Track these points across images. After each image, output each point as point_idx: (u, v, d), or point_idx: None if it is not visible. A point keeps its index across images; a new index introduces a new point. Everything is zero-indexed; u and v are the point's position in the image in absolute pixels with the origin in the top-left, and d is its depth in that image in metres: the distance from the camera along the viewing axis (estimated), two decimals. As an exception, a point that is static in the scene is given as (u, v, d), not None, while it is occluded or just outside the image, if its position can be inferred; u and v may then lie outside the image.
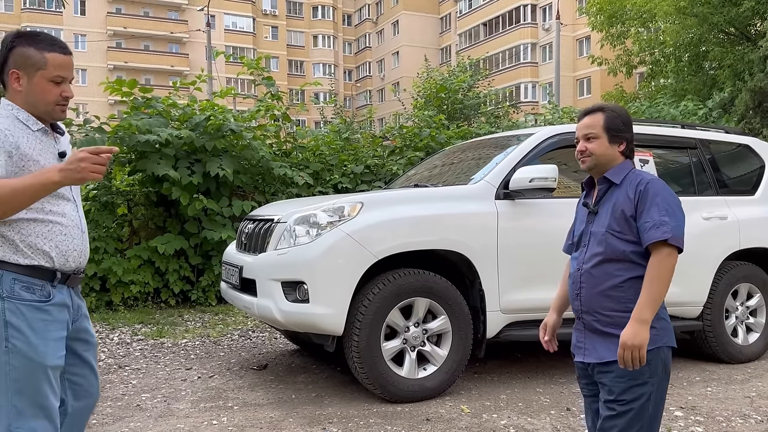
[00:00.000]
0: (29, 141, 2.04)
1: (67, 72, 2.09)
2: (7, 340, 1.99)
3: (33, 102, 2.07)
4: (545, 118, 13.28)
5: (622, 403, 2.13)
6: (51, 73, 2.05)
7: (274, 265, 4.01)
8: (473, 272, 4.14)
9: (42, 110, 2.08)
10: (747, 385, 4.44)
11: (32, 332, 2.00)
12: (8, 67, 2.06)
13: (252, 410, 3.87)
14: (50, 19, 46.12)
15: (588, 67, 32.79)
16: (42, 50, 2.05)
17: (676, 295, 4.56)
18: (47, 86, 2.06)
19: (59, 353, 2.07)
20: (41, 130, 2.09)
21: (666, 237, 2.07)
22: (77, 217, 2.15)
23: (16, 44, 2.06)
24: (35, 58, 2.04)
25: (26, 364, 1.99)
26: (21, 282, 2.01)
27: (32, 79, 2.05)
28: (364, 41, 58.49)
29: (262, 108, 7.83)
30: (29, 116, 2.07)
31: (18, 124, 2.04)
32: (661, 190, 2.15)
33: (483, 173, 4.42)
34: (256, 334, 6.05)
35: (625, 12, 20.76)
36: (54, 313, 2.06)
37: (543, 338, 2.45)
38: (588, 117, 2.29)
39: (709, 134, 5.44)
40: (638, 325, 2.05)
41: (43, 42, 2.06)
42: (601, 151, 2.24)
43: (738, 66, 16.88)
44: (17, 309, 1.99)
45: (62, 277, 2.10)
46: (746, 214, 5.08)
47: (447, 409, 3.85)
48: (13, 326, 1.99)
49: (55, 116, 2.11)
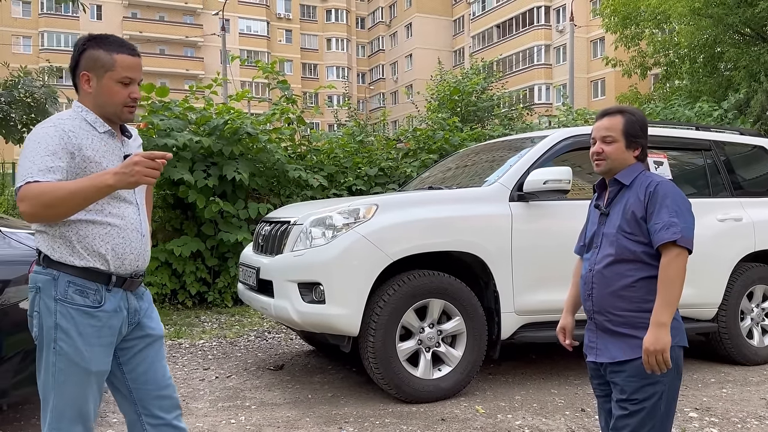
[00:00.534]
0: (93, 143, 2.05)
1: (134, 73, 2.10)
2: (56, 342, 2.02)
3: (101, 103, 2.08)
4: (559, 120, 13.24)
5: (634, 402, 2.15)
6: (119, 75, 2.06)
7: (290, 267, 4.07)
8: (487, 274, 4.17)
9: (110, 111, 2.09)
10: (762, 386, 4.44)
11: (80, 337, 2.03)
12: (79, 69, 2.08)
13: (269, 410, 3.93)
14: (67, 24, 46.69)
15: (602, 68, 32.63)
16: (110, 52, 2.06)
17: (691, 296, 4.56)
18: (115, 87, 2.07)
19: (105, 359, 2.09)
20: (107, 132, 2.10)
21: (675, 238, 2.09)
22: (138, 220, 2.15)
23: (86, 47, 2.08)
24: (104, 59, 2.06)
25: (71, 368, 2.03)
26: (75, 285, 2.02)
27: (101, 80, 2.06)
28: (378, 44, 58.61)
29: (277, 111, 7.90)
30: (97, 118, 2.09)
31: (85, 125, 2.06)
32: (671, 191, 2.16)
33: (497, 175, 4.45)
34: (272, 334, 6.11)
35: (639, 13, 20.64)
36: (104, 319, 2.06)
37: (564, 342, 2.48)
38: (607, 119, 2.28)
39: (723, 136, 5.43)
40: (657, 330, 2.07)
41: (112, 44, 2.08)
42: (617, 155, 2.25)
43: (753, 67, 16.74)
44: (68, 313, 2.02)
45: (118, 280, 2.10)
46: (761, 216, 5.07)
47: (462, 410, 3.89)
48: (63, 329, 2.02)
49: (123, 117, 2.12)
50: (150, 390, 2.21)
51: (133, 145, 2.23)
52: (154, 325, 2.25)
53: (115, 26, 48.09)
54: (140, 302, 2.22)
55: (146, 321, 2.23)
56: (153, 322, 2.26)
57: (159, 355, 2.25)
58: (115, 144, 2.12)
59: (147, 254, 2.20)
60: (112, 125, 2.13)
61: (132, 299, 2.17)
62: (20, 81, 8.96)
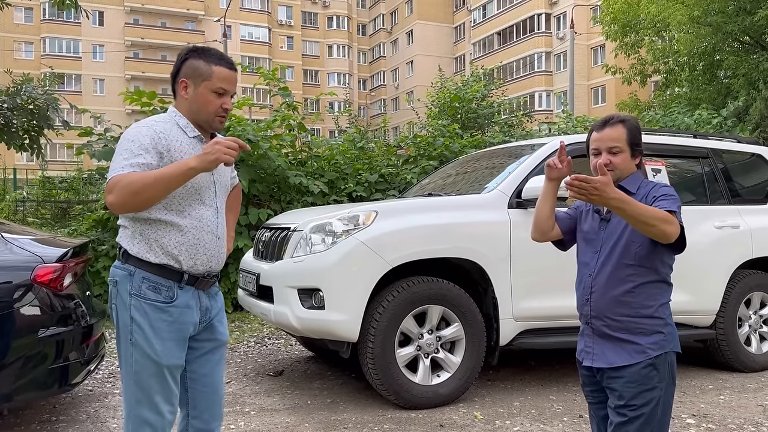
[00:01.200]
0: (182, 146, 2.16)
1: (229, 85, 2.21)
2: (132, 334, 2.13)
3: (195, 110, 2.20)
4: (559, 127, 13.29)
5: (632, 408, 2.16)
6: (215, 85, 2.17)
7: (290, 273, 4.09)
8: (486, 280, 4.20)
9: (202, 119, 2.21)
10: (760, 393, 4.45)
11: (152, 331, 2.13)
12: (179, 76, 2.20)
13: (268, 415, 3.95)
14: (69, 30, 46.87)
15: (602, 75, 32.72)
16: (210, 63, 2.18)
17: (689, 303, 4.60)
18: (209, 96, 2.18)
19: (177, 353, 2.18)
20: (197, 138, 2.21)
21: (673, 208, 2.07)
22: (215, 223, 2.23)
23: (188, 56, 2.20)
24: (203, 69, 2.17)
25: (144, 360, 2.13)
26: (149, 281, 2.13)
27: (198, 88, 2.18)
28: (379, 50, 58.78)
29: (278, 118, 7.94)
30: (188, 123, 2.21)
31: (176, 129, 2.18)
32: (668, 188, 2.20)
33: (496, 182, 4.48)
34: (272, 340, 6.13)
35: (639, 21, 20.72)
36: (175, 315, 2.15)
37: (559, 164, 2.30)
38: (610, 129, 2.25)
39: (721, 144, 5.47)
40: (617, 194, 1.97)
41: (212, 56, 2.20)
42: (624, 165, 2.25)
43: (753, 75, 16.79)
44: (142, 307, 2.12)
45: (190, 279, 2.18)
46: (759, 223, 5.10)
47: (460, 416, 3.90)
48: (137, 323, 2.12)
49: (214, 126, 2.23)
50: (206, 393, 2.31)
51: None
52: (222, 330, 2.36)
53: (117, 32, 48.30)
54: (212, 302, 2.31)
55: (217, 324, 2.33)
56: (222, 326, 2.36)
57: (221, 361, 2.36)
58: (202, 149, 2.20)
59: (222, 256, 2.29)
60: (202, 132, 2.23)
61: (204, 298, 2.26)
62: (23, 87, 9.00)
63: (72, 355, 3.45)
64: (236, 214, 2.66)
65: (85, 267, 3.98)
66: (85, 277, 4.00)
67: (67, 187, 13.49)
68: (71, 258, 3.60)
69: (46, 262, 3.42)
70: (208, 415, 2.32)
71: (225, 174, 2.35)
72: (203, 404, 2.31)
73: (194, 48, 2.24)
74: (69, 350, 3.44)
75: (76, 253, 3.71)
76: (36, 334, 3.29)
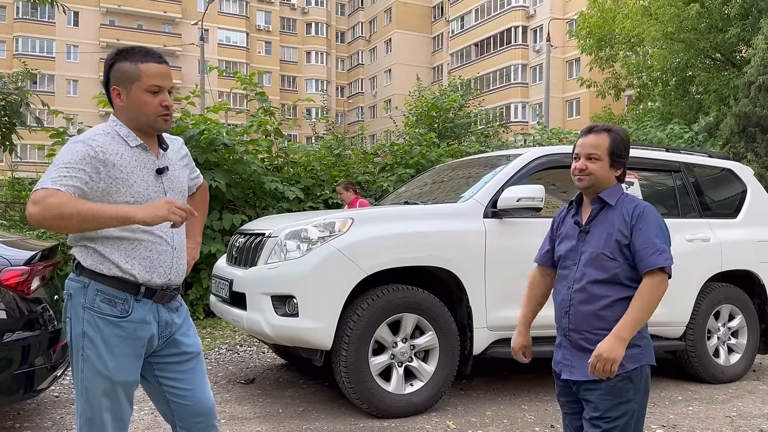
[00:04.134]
0: (123, 159, 2.04)
1: (162, 81, 2.07)
2: (83, 349, 2.04)
3: (133, 116, 2.07)
4: (534, 138, 13.42)
5: (607, 420, 2.16)
6: (146, 84, 2.04)
7: (264, 279, 4.05)
8: (461, 289, 4.20)
9: (144, 123, 2.08)
10: (728, 405, 4.51)
11: (105, 346, 2.04)
12: (110, 84, 2.08)
13: (239, 424, 3.89)
14: (43, 30, 46.14)
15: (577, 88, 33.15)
16: (135, 62, 2.05)
17: (660, 315, 4.61)
18: (144, 97, 2.05)
19: (131, 370, 2.09)
20: (140, 147, 2.09)
21: (667, 264, 2.13)
22: (170, 234, 2.13)
23: (114, 62, 2.07)
24: (130, 71, 2.05)
25: (95, 376, 2.04)
26: (104, 294, 2.04)
27: (130, 92, 2.05)
28: (357, 58, 58.88)
29: (254, 123, 7.90)
30: (130, 132, 2.08)
31: (117, 140, 2.06)
32: (657, 217, 2.21)
33: (472, 192, 4.50)
34: (244, 348, 6.06)
35: (613, 36, 21.10)
36: (129, 330, 2.06)
37: (522, 359, 2.50)
38: (593, 136, 2.28)
39: (693, 158, 5.56)
40: (616, 342, 2.10)
41: (136, 54, 2.07)
42: (600, 173, 2.26)
43: (723, 91, 17.17)
44: (94, 321, 2.03)
45: (147, 291, 2.09)
46: (728, 237, 5.19)
47: (433, 425, 3.89)
48: (89, 338, 2.03)
49: (158, 127, 2.10)
50: (188, 407, 2.21)
51: (173, 157, 2.22)
52: (190, 342, 2.24)
53: (92, 34, 47.68)
54: (173, 315, 2.20)
55: (181, 338, 2.21)
56: (189, 339, 2.24)
57: (196, 373, 2.24)
58: (147, 158, 2.11)
59: (181, 267, 2.19)
60: (146, 138, 2.12)
61: (164, 312, 2.15)
62: (-6, 85, 8.83)
63: (38, 361, 3.37)
64: (203, 216, 2.54)
65: (54, 271, 3.89)
66: (54, 281, 3.92)
67: (38, 188, 13.21)
68: (39, 261, 3.53)
69: (13, 265, 3.33)
70: (195, 427, 2.23)
71: (178, 179, 2.22)
72: (188, 418, 2.22)
73: (118, 51, 2.09)
74: (35, 355, 3.35)
75: (44, 256, 3.64)
76: (1, 338, 3.21)
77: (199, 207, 2.50)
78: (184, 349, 2.22)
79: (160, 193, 2.12)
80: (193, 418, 2.23)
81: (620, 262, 2.18)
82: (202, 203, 2.53)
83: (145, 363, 2.19)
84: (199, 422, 2.24)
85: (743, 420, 4.17)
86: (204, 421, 2.25)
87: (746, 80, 13.72)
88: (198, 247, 2.46)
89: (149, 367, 2.20)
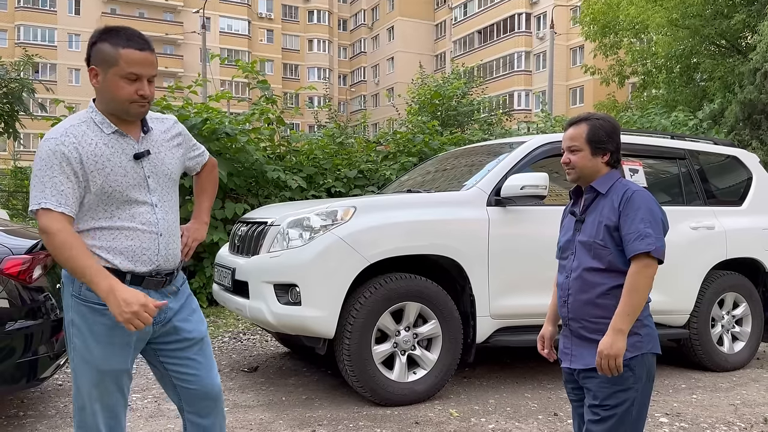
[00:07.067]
0: (98, 147, 1.99)
1: (142, 69, 1.97)
2: (72, 337, 2.05)
3: (107, 100, 2.00)
4: (537, 126, 13.37)
5: (606, 408, 2.16)
6: (123, 70, 1.95)
7: (266, 268, 4.04)
8: (464, 277, 4.18)
9: (115, 108, 2.00)
10: (732, 393, 4.51)
11: (91, 335, 2.03)
12: (90, 63, 1.99)
13: (242, 412, 3.90)
14: (45, 18, 46.05)
15: (581, 76, 33.02)
16: (116, 46, 1.95)
17: (664, 303, 4.63)
18: (120, 83, 1.96)
19: (119, 359, 2.07)
20: (116, 133, 2.03)
21: (649, 249, 2.10)
22: (154, 219, 2.07)
23: (96, 40, 1.98)
24: (109, 54, 1.95)
25: (82, 364, 2.04)
26: None
27: (106, 75, 1.96)
28: (360, 46, 58.65)
29: (256, 111, 7.86)
30: (104, 119, 2.02)
31: (93, 128, 2.00)
32: (646, 201, 2.18)
33: (475, 180, 4.47)
34: (247, 336, 6.07)
35: (618, 23, 20.94)
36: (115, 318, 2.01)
37: (542, 350, 2.48)
38: (573, 128, 2.31)
39: (698, 145, 5.52)
40: (615, 335, 2.09)
41: (119, 37, 1.96)
42: (583, 163, 2.27)
43: (728, 78, 17.07)
44: (81, 310, 2.02)
45: (134, 278, 2.04)
46: (733, 225, 5.16)
47: (436, 413, 3.89)
48: (76, 326, 2.03)
49: (131, 114, 2.02)
50: (194, 391, 2.21)
51: (158, 138, 2.15)
52: (191, 328, 2.21)
53: (93, 22, 47.52)
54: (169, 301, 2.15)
55: (181, 324, 2.19)
56: (190, 324, 2.21)
57: (203, 358, 2.22)
58: (126, 143, 2.04)
59: (171, 252, 2.13)
60: (123, 123, 2.04)
61: (156, 297, 2.08)
62: (-3, 72, 8.82)
63: (41, 349, 3.37)
64: (210, 195, 2.43)
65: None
66: (56, 270, 3.91)
67: (40, 177, 13.24)
68: (41, 250, 3.52)
69: (15, 253, 3.33)
70: (202, 411, 2.23)
71: (164, 162, 2.13)
72: (194, 401, 2.22)
73: (104, 30, 1.99)
74: (38, 344, 3.35)
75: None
76: (3, 327, 3.20)
77: (206, 186, 2.41)
78: (185, 336, 2.19)
79: (141, 178, 2.05)
80: (200, 402, 2.22)
81: (611, 249, 2.18)
82: (209, 182, 2.43)
83: (150, 349, 2.19)
84: (206, 405, 2.24)
85: (747, 408, 4.16)
86: (211, 404, 2.24)
87: (751, 67, 13.62)
88: (204, 228, 2.37)
89: (154, 354, 2.20)
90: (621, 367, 2.10)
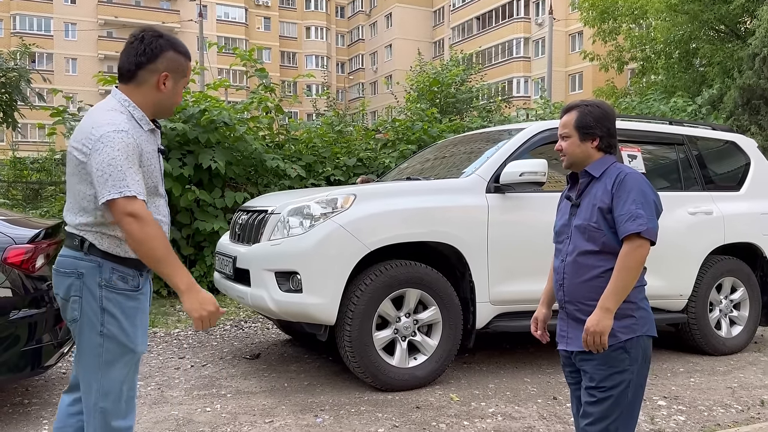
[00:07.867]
0: (146, 142, 2.12)
1: None
2: (103, 325, 2.09)
3: (167, 105, 2.18)
4: (537, 113, 13.35)
5: (602, 390, 2.20)
6: (186, 81, 2.21)
7: (267, 256, 4.07)
8: (464, 264, 4.21)
9: (162, 111, 2.19)
10: (729, 376, 4.55)
11: (125, 319, 2.11)
12: (157, 66, 2.11)
13: (245, 398, 3.94)
14: (40, 7, 45.77)
15: (580, 62, 32.88)
16: (187, 59, 2.18)
17: (662, 288, 4.67)
18: (181, 92, 2.21)
19: (145, 340, 2.20)
20: (151, 131, 2.16)
21: (641, 230, 2.13)
22: (166, 211, 2.25)
23: (165, 48, 2.12)
24: (183, 66, 2.17)
25: (118, 349, 2.11)
26: (118, 272, 2.10)
27: (176, 84, 2.17)
28: (357, 33, 58.35)
29: (254, 100, 7.85)
30: (143, 116, 2.13)
31: (134, 124, 2.10)
32: (639, 182, 2.21)
33: (474, 167, 4.49)
34: (249, 324, 6.11)
35: (617, 8, 20.85)
36: (143, 302, 2.17)
37: (535, 332, 2.53)
38: (565, 116, 2.37)
39: (696, 131, 5.53)
40: (602, 313, 2.14)
41: (183, 48, 2.18)
42: (572, 149, 2.33)
43: (727, 63, 17.02)
44: (113, 297, 2.09)
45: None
46: (731, 210, 5.18)
47: (437, 398, 3.93)
48: (109, 313, 2.09)
49: (166, 115, 2.25)
50: None
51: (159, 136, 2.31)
52: None
53: (90, 11, 47.28)
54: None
55: None
56: None
57: None
58: (155, 139, 2.20)
59: None
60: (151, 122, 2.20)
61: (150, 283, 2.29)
62: (-5, 62, 8.80)
63: (45, 338, 3.40)
64: None
65: (58, 248, 3.91)
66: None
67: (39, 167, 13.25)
68: (43, 239, 3.54)
69: (18, 243, 3.35)
70: None
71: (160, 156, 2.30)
72: None
73: (169, 40, 2.15)
74: (42, 332, 3.39)
75: (48, 234, 3.65)
76: (7, 316, 3.23)
77: None
78: None
79: (160, 172, 2.21)
80: None
81: (605, 231, 2.21)
82: None
83: None
84: None
85: (744, 391, 4.20)
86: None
87: (750, 52, 13.58)
88: None
89: None
90: (606, 344, 2.14)
